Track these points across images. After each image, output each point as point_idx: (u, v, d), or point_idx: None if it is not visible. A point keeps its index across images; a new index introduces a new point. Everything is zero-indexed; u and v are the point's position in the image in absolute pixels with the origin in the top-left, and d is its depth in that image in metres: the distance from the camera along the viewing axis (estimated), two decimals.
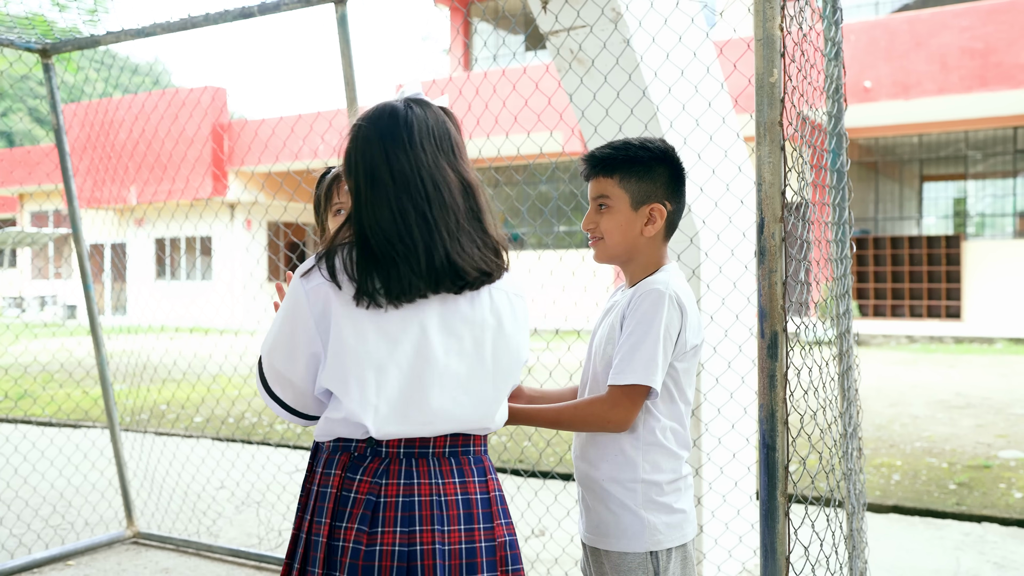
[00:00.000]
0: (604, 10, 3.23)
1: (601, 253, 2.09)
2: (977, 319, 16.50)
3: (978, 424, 7.76)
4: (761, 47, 2.21)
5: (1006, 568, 4.27)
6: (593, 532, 2.04)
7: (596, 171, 2.07)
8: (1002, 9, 14.37)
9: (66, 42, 4.39)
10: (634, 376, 1.92)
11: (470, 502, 1.74)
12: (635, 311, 1.96)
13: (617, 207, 2.04)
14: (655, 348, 1.92)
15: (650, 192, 2.05)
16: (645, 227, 2.05)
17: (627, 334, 1.95)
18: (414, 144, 1.73)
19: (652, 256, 2.09)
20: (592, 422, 1.97)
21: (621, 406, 1.94)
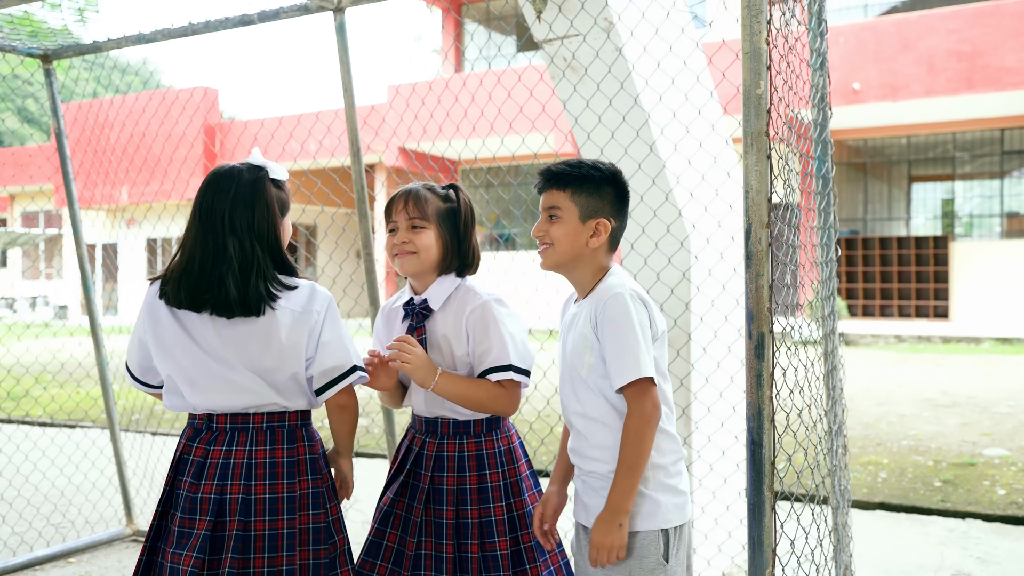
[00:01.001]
0: (597, 20, 3.32)
1: (548, 259, 2.25)
2: (964, 319, 16.67)
3: (963, 422, 7.88)
4: (748, 60, 2.30)
5: (989, 563, 4.37)
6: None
7: (550, 184, 2.24)
8: (989, 12, 14.52)
9: (67, 48, 4.45)
10: (633, 372, 2.06)
11: (276, 463, 2.25)
12: (607, 317, 2.11)
13: (566, 218, 2.21)
14: (637, 342, 2.08)
15: (597, 208, 2.22)
16: (591, 239, 2.21)
17: (609, 339, 2.11)
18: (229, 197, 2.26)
19: (597, 264, 2.25)
20: (647, 433, 2.09)
21: (646, 400, 2.09)
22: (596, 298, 2.18)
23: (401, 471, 2.47)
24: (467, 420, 2.41)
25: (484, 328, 2.36)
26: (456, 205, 2.45)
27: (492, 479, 2.39)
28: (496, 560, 2.34)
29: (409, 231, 2.39)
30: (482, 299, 2.38)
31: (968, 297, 16.84)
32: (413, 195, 2.40)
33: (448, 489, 2.37)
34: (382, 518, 2.45)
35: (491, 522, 2.36)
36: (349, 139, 3.85)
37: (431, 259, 2.40)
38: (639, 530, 2.13)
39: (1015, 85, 14.31)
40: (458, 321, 2.38)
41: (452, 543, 2.34)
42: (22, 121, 39.91)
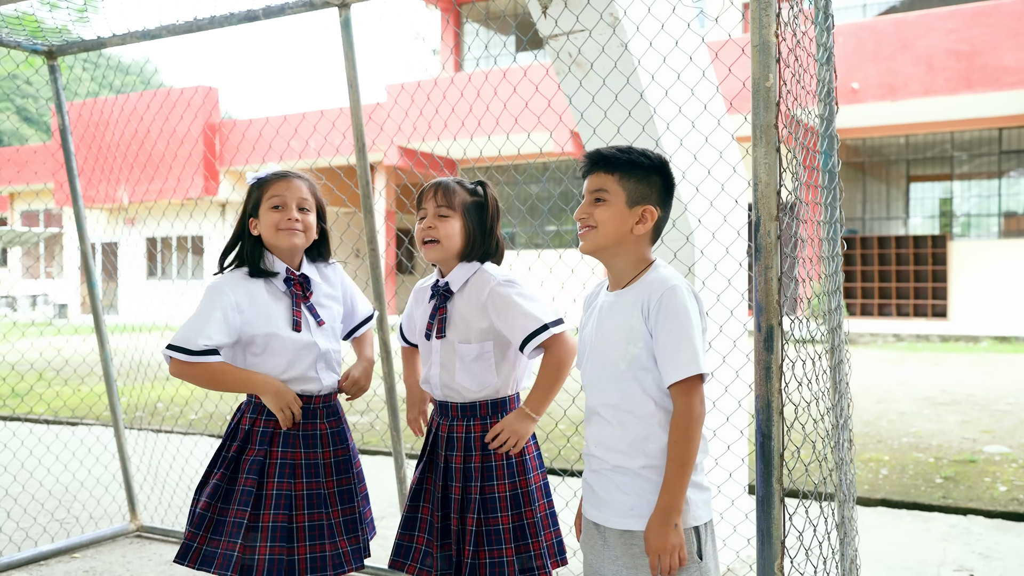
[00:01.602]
0: (603, 15, 3.33)
1: (590, 242, 2.21)
2: (963, 318, 16.70)
3: (963, 420, 7.90)
4: (757, 52, 2.31)
5: (991, 558, 4.38)
6: (627, 516, 2.14)
7: (597, 167, 2.21)
8: (987, 12, 14.55)
9: (72, 44, 4.46)
10: (688, 368, 2.05)
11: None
12: (664, 309, 2.09)
13: (613, 201, 2.18)
14: (694, 338, 2.07)
15: (645, 194, 2.20)
16: (636, 225, 2.18)
17: (665, 333, 2.08)
18: None
19: (639, 254, 2.22)
20: (699, 430, 2.08)
21: (697, 396, 2.08)
22: (645, 289, 2.14)
23: (425, 451, 2.69)
24: (473, 403, 2.60)
25: (504, 306, 2.52)
26: (483, 200, 2.64)
27: (496, 458, 2.57)
28: (498, 534, 2.52)
29: (435, 218, 2.57)
30: (495, 281, 2.56)
31: (966, 296, 16.87)
32: (443, 186, 2.59)
33: (456, 467, 2.57)
34: (413, 494, 2.68)
35: (494, 498, 2.54)
36: (354, 135, 3.85)
37: (454, 247, 2.59)
38: (690, 526, 2.11)
39: (1013, 85, 14.33)
40: (473, 301, 2.57)
41: (458, 516, 2.54)
42: (21, 120, 39.88)
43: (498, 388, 2.61)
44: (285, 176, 2.75)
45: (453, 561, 2.56)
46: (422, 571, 2.64)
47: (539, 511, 2.58)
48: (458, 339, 2.57)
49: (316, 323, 2.74)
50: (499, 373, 2.59)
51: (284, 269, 2.73)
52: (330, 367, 2.78)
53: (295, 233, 2.70)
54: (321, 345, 2.73)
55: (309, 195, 2.76)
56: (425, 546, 2.64)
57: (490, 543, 2.52)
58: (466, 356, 2.56)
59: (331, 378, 2.78)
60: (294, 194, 2.72)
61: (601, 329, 2.22)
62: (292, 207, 2.70)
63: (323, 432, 2.75)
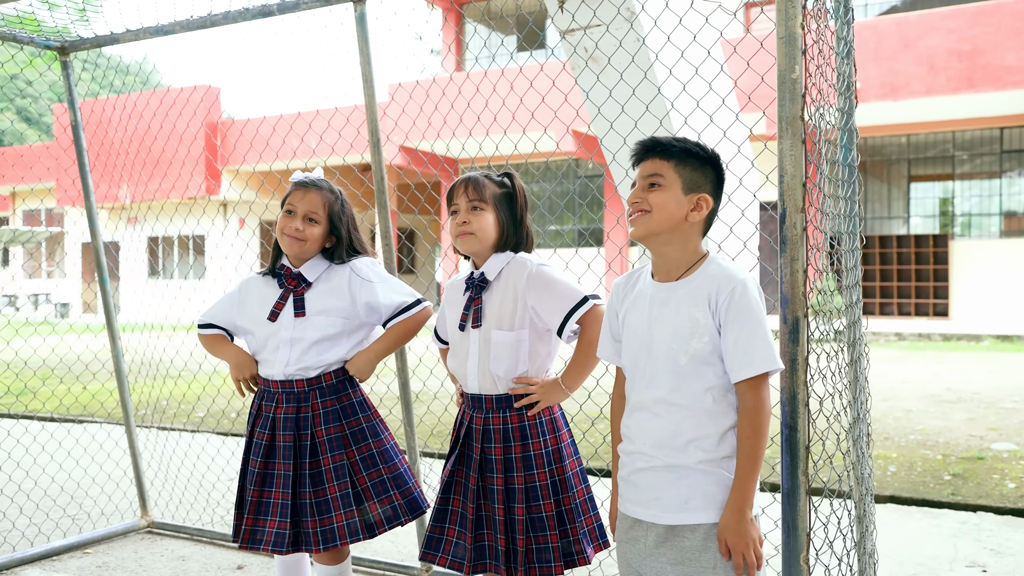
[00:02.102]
0: (620, 9, 3.33)
1: (643, 226, 2.16)
2: (964, 317, 16.72)
3: (969, 418, 7.91)
4: (783, 44, 2.31)
5: (1003, 554, 4.39)
6: (679, 510, 2.10)
7: (652, 153, 2.18)
8: (989, 11, 14.56)
9: (85, 40, 4.46)
10: (764, 364, 2.04)
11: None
12: (737, 303, 2.06)
13: (670, 187, 2.14)
14: (768, 332, 2.06)
15: (700, 183, 2.17)
16: (691, 212, 2.15)
17: (738, 327, 2.05)
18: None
19: (692, 243, 2.18)
20: (768, 424, 2.07)
21: (765, 392, 2.06)
22: (710, 282, 2.11)
23: (457, 444, 2.72)
24: (508, 394, 2.63)
25: (544, 286, 2.59)
26: (512, 190, 2.69)
27: (535, 447, 2.60)
28: (542, 521, 2.57)
29: (469, 212, 2.63)
30: (532, 265, 2.62)
31: (968, 295, 16.88)
32: (472, 181, 2.66)
33: (496, 459, 2.60)
34: (444, 487, 2.71)
35: (536, 487, 2.58)
36: (369, 130, 3.87)
37: (488, 239, 2.65)
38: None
39: (1015, 84, 14.34)
40: (510, 288, 2.62)
41: (502, 506, 2.57)
42: (21, 120, 39.86)
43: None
44: (304, 186, 2.97)
45: (495, 551, 2.58)
46: (453, 562, 2.67)
47: (577, 497, 2.62)
48: (494, 327, 2.61)
49: (294, 314, 2.92)
50: (532, 361, 2.62)
51: (285, 267, 3.01)
52: (308, 353, 2.91)
53: (293, 241, 2.94)
54: (286, 332, 2.91)
55: (321, 207, 2.95)
56: (456, 537, 2.67)
57: (535, 530, 2.57)
58: (501, 344, 2.59)
59: (300, 363, 2.91)
60: (305, 205, 2.94)
61: (657, 322, 2.17)
62: (299, 216, 2.94)
63: (277, 416, 2.91)
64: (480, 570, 2.63)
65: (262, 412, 2.97)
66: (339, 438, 2.92)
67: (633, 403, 2.23)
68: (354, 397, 2.99)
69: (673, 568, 2.09)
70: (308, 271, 2.98)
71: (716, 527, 2.07)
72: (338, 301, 2.95)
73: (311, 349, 2.91)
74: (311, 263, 2.99)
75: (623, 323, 2.30)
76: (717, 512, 2.08)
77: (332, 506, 2.88)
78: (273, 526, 2.87)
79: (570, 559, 2.59)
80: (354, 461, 2.93)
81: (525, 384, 2.60)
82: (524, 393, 2.61)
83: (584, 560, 2.59)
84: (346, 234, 3.01)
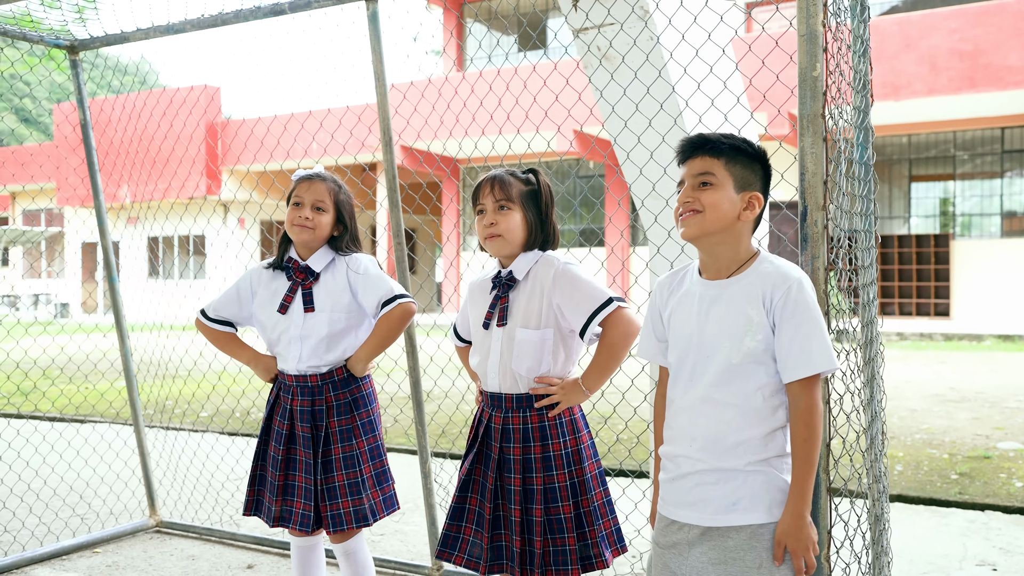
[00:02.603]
0: (634, 8, 3.33)
1: (696, 226, 2.11)
2: (966, 317, 16.75)
3: (974, 417, 7.91)
4: (805, 42, 2.32)
5: (1012, 553, 4.39)
6: (727, 512, 2.07)
7: (701, 151, 2.14)
8: (991, 12, 14.57)
9: (95, 39, 4.45)
10: (822, 364, 2.01)
11: None
12: (794, 302, 2.03)
13: (722, 185, 2.10)
14: (824, 331, 2.03)
15: (751, 181, 2.14)
16: (744, 211, 2.12)
17: (795, 326, 2.02)
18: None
19: (744, 242, 2.15)
20: (820, 428, 2.03)
21: (818, 393, 2.03)
22: (764, 280, 2.06)
23: (475, 442, 2.69)
24: (529, 394, 2.60)
25: (571, 285, 2.56)
26: (537, 188, 2.67)
27: (555, 448, 2.58)
28: (560, 523, 2.55)
29: (496, 212, 2.61)
30: (559, 263, 2.61)
31: (969, 295, 16.91)
32: (498, 180, 2.63)
33: (515, 459, 2.58)
34: (462, 485, 2.69)
35: (555, 488, 2.56)
36: (380, 128, 3.86)
37: (517, 240, 2.63)
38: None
39: (1017, 84, 14.36)
40: (538, 287, 2.60)
41: (519, 507, 2.55)
42: (20, 121, 39.82)
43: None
44: (310, 177, 3.04)
45: (512, 552, 2.56)
46: (469, 562, 2.66)
47: (596, 499, 2.60)
48: (519, 325, 2.59)
49: (303, 308, 2.99)
50: (555, 361, 2.60)
51: (292, 259, 3.06)
52: (318, 350, 2.98)
53: (304, 229, 2.99)
54: (296, 329, 2.99)
55: (327, 196, 3.02)
56: (473, 536, 2.65)
57: (552, 532, 2.55)
58: (525, 342, 2.57)
59: (311, 360, 2.98)
60: (312, 195, 3.00)
61: (708, 321, 2.12)
62: (307, 206, 2.99)
63: (294, 408, 3.00)
64: (496, 570, 2.62)
65: (280, 402, 3.06)
66: (350, 429, 3.00)
67: (678, 404, 2.18)
68: (364, 389, 3.07)
69: (715, 568, 2.06)
70: (315, 262, 3.02)
71: (762, 527, 2.04)
72: (341, 296, 3.00)
73: (320, 345, 2.98)
74: (318, 255, 3.04)
75: (668, 323, 2.24)
76: (764, 512, 2.05)
77: (339, 493, 2.96)
78: (300, 507, 2.98)
79: (587, 562, 2.56)
80: (363, 451, 3.01)
81: (546, 384, 2.58)
82: (544, 393, 2.59)
83: (602, 564, 2.56)
84: (351, 222, 3.09)
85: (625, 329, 2.55)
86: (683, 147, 2.18)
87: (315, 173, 3.06)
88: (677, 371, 2.19)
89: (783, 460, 2.08)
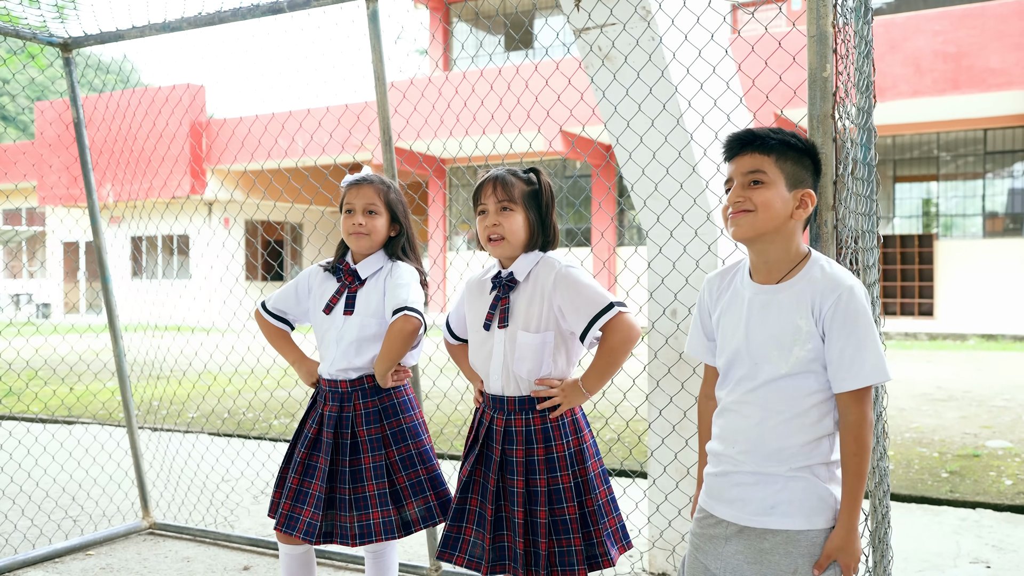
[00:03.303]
0: (636, 8, 3.33)
1: (748, 226, 2.04)
2: (949, 316, 16.88)
3: (962, 416, 7.97)
4: (814, 43, 2.33)
5: (1005, 550, 4.42)
6: (765, 514, 2.04)
7: (750, 148, 2.06)
8: (974, 14, 14.69)
9: (89, 37, 4.41)
10: (875, 376, 1.97)
11: None
12: (845, 310, 1.97)
13: (773, 184, 2.03)
14: (878, 343, 1.98)
15: (803, 178, 2.07)
16: (796, 210, 2.05)
17: (847, 335, 1.97)
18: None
19: (795, 242, 2.07)
20: (870, 440, 1.99)
21: (869, 405, 1.99)
22: (814, 286, 2.00)
23: (476, 444, 2.68)
24: (532, 397, 2.59)
25: (572, 288, 2.54)
26: (538, 187, 2.64)
27: (558, 449, 2.57)
28: (565, 523, 2.54)
29: (498, 213, 2.58)
30: (560, 265, 2.58)
31: (952, 295, 17.05)
32: (500, 180, 2.60)
33: (517, 460, 2.57)
34: (463, 487, 2.67)
35: (559, 489, 2.55)
36: (380, 128, 3.85)
37: (519, 241, 2.61)
38: (832, 526, 2.03)
39: (1000, 86, 14.49)
40: (539, 289, 2.58)
41: (522, 509, 2.54)
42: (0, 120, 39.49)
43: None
44: (358, 183, 3.01)
45: (515, 552, 2.55)
46: (471, 562, 2.64)
47: (600, 497, 2.59)
48: (520, 327, 2.58)
49: (344, 311, 2.97)
50: (556, 364, 2.59)
51: (345, 262, 3.05)
52: (348, 353, 2.94)
53: (360, 236, 2.97)
54: (335, 331, 2.97)
55: (378, 199, 2.99)
56: (474, 537, 2.64)
57: (558, 532, 2.54)
58: (526, 345, 2.55)
59: (341, 364, 2.95)
60: (362, 200, 2.97)
61: (757, 327, 2.06)
62: (359, 212, 2.97)
63: (324, 412, 2.97)
64: (499, 570, 2.61)
65: (316, 406, 3.04)
66: (379, 438, 2.93)
67: (724, 404, 2.15)
68: (396, 398, 2.99)
69: (749, 567, 2.04)
70: (363, 268, 3.00)
71: (800, 534, 2.00)
72: (379, 303, 2.96)
73: (350, 348, 2.93)
74: (369, 261, 3.02)
75: (717, 324, 2.19)
76: (803, 519, 2.01)
77: (370, 503, 2.89)
78: (307, 516, 2.93)
79: (594, 561, 2.56)
80: (394, 461, 2.93)
81: (547, 386, 2.57)
82: (545, 396, 2.57)
83: (608, 562, 2.56)
84: (405, 221, 3.06)
85: (626, 334, 2.53)
86: (730, 143, 2.10)
87: (362, 177, 3.03)
88: (725, 372, 2.14)
89: (827, 468, 2.03)
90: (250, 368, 8.19)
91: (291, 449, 3.06)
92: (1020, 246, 16.92)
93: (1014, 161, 17.58)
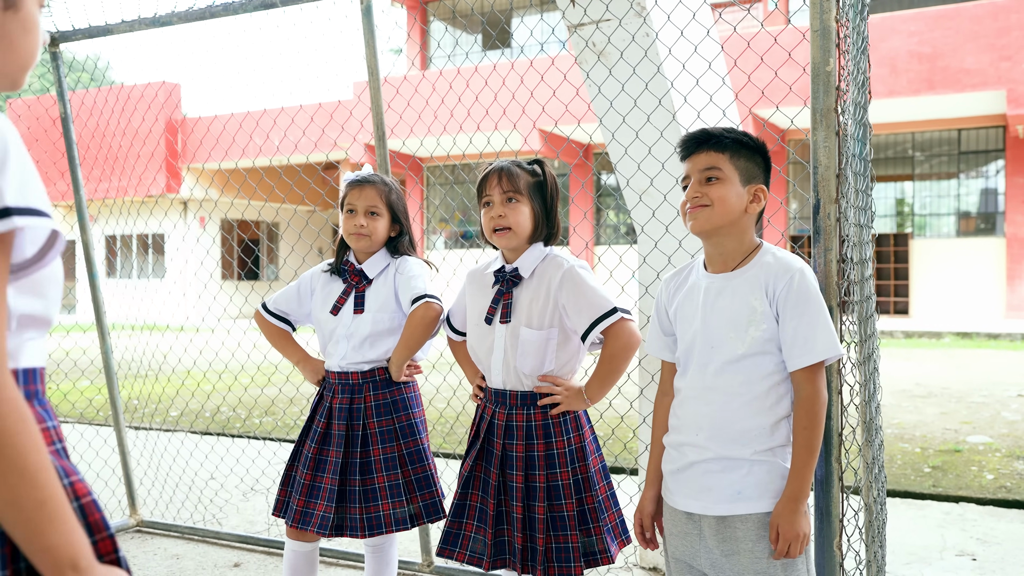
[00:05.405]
0: (632, 4, 3.35)
1: (706, 220, 2.15)
2: (924, 314, 17.07)
3: (942, 412, 8.06)
4: (818, 37, 2.35)
5: (990, 543, 4.48)
6: (732, 500, 2.10)
7: (706, 146, 2.17)
8: (949, 15, 14.87)
9: (77, 31, 4.37)
10: (826, 351, 2.06)
11: None
12: (796, 291, 2.08)
13: (729, 179, 2.14)
14: (827, 319, 2.07)
15: (755, 174, 2.19)
16: (750, 204, 2.17)
17: (798, 315, 2.07)
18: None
19: (749, 234, 2.20)
20: (823, 416, 2.08)
21: (821, 381, 2.08)
22: (767, 271, 2.11)
23: (477, 439, 2.68)
24: (534, 392, 2.59)
25: (577, 288, 2.54)
26: (543, 179, 2.63)
27: (558, 446, 2.57)
28: (564, 520, 2.53)
29: (504, 204, 2.57)
30: (568, 264, 2.57)
31: (927, 293, 17.23)
32: (506, 171, 2.59)
33: (517, 456, 2.57)
34: (464, 482, 2.67)
35: (558, 486, 2.54)
36: (374, 123, 3.84)
37: (525, 233, 2.60)
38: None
39: (974, 86, 14.67)
40: (543, 286, 2.57)
41: (521, 504, 2.55)
42: None
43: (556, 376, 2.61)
44: (359, 183, 3.00)
45: (513, 548, 2.56)
46: (472, 558, 2.64)
47: (600, 493, 2.59)
48: (523, 324, 2.56)
49: (354, 310, 2.97)
50: (559, 360, 2.58)
51: (349, 263, 3.05)
52: (361, 348, 2.95)
53: (360, 237, 2.98)
54: (344, 328, 2.97)
55: (379, 200, 2.99)
56: (475, 532, 2.64)
57: (556, 528, 2.53)
58: (529, 342, 2.54)
59: (353, 358, 2.95)
60: (364, 201, 2.97)
61: (713, 311, 2.17)
62: (360, 213, 2.97)
63: (332, 405, 2.97)
64: (500, 565, 2.61)
65: (323, 401, 3.03)
66: (390, 431, 2.94)
67: (685, 393, 2.21)
68: (406, 392, 3.00)
69: (728, 559, 2.08)
70: (369, 268, 3.01)
71: (768, 516, 2.07)
72: (389, 299, 2.97)
73: (363, 344, 2.94)
74: (374, 260, 3.02)
75: (675, 317, 2.29)
76: (770, 501, 2.08)
77: (379, 495, 2.90)
78: (321, 509, 2.92)
79: (592, 558, 2.55)
80: (402, 455, 2.94)
81: (551, 384, 2.57)
82: (548, 392, 2.57)
83: (607, 559, 2.56)
84: (406, 221, 3.06)
85: (626, 341, 2.54)
86: (687, 142, 2.21)
87: (364, 177, 3.02)
88: (685, 361, 2.24)
89: (788, 451, 2.11)
90: (224, 364, 8.14)
91: (298, 446, 3.05)
92: (992, 245, 17.14)
93: (987, 161, 17.80)
